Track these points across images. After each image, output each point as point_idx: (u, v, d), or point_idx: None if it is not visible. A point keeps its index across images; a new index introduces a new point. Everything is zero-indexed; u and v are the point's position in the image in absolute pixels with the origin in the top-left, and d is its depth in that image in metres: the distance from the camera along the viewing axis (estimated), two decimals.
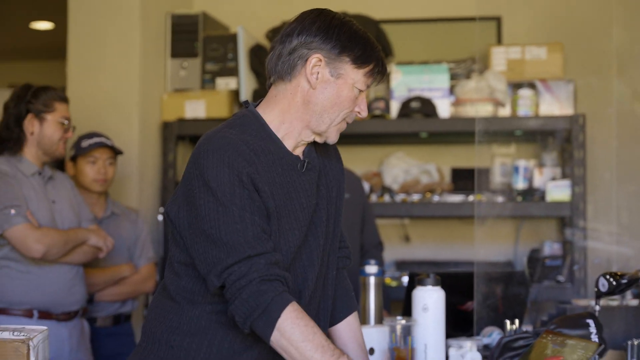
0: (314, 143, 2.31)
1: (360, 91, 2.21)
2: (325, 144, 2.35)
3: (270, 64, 2.23)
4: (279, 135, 2.22)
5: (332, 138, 2.25)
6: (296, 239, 2.18)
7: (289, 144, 2.23)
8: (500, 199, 4.86)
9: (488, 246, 5.16)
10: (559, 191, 4.76)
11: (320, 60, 2.17)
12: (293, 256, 2.19)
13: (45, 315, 3.63)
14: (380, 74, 2.23)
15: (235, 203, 2.08)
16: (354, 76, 2.18)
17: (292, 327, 2.05)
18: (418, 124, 4.90)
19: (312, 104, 2.19)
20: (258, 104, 2.28)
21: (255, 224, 2.09)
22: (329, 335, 2.48)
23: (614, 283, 2.72)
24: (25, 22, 8.05)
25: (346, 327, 2.48)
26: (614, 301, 3.25)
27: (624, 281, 2.73)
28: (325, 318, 2.36)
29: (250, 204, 2.09)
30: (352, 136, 5.21)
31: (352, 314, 2.51)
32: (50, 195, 3.73)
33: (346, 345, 2.48)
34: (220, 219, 2.09)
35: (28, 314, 3.60)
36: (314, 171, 2.27)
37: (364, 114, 2.23)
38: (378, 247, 4.33)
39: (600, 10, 5.07)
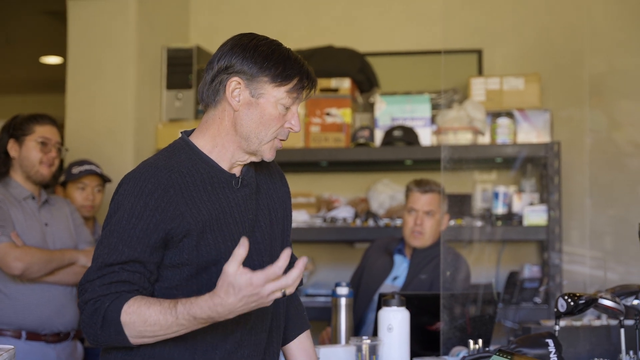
0: (256, 166, 2.28)
1: (286, 107, 2.15)
2: (268, 167, 2.32)
3: (200, 92, 2.21)
4: (213, 157, 2.19)
5: (267, 156, 2.20)
6: (229, 251, 2.10)
7: (224, 166, 2.20)
8: (479, 223, 4.81)
9: (472, 268, 5.13)
10: (535, 216, 4.72)
11: (239, 82, 2.13)
12: None
13: (33, 336, 3.59)
14: (306, 88, 2.17)
15: (120, 231, 2.07)
16: (275, 94, 2.13)
17: (131, 319, 2.01)
18: (401, 152, 4.86)
19: (238, 125, 2.16)
20: (192, 132, 2.25)
21: (120, 253, 2.06)
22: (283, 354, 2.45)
23: (572, 304, 2.67)
24: (36, 57, 8.09)
25: (299, 346, 2.44)
26: (577, 321, 3.20)
27: (582, 302, 2.68)
28: (277, 336, 2.32)
29: (136, 236, 2.06)
30: (338, 163, 5.19)
31: (304, 333, 2.47)
32: (43, 218, 3.72)
33: None
34: (101, 242, 2.11)
35: (17, 335, 3.56)
36: (249, 187, 2.23)
37: (296, 129, 2.18)
38: None
39: (574, 42, 5.06)
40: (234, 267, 1.89)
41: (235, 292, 1.89)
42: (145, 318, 2.01)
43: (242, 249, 1.89)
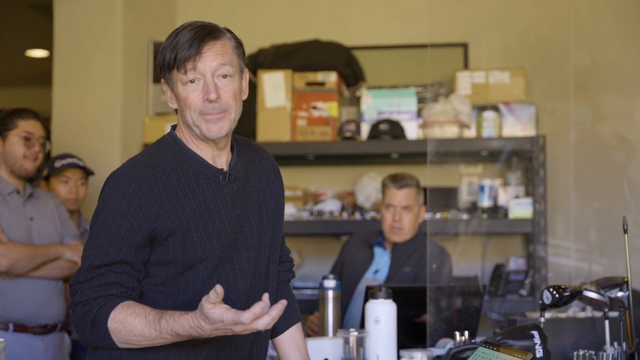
0: (248, 159, 2.29)
1: (191, 82, 2.16)
2: (260, 160, 2.34)
3: None
4: (198, 152, 2.22)
5: (208, 133, 2.18)
6: (215, 248, 2.16)
7: (207, 158, 2.23)
8: (465, 216, 4.84)
9: (458, 261, 5.15)
10: (521, 209, 4.74)
11: (164, 84, 2.24)
12: (219, 264, 2.17)
13: (20, 328, 3.60)
14: (190, 58, 2.15)
15: (105, 232, 2.11)
16: (176, 79, 2.18)
17: (117, 328, 2.06)
18: (387, 145, 4.88)
19: (182, 119, 2.23)
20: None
21: (107, 254, 2.10)
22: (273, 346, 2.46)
23: (557, 296, 2.69)
24: (22, 50, 8.05)
25: (289, 339, 2.45)
26: (562, 313, 3.22)
27: (567, 294, 2.70)
28: (265, 331, 2.32)
29: (121, 236, 2.10)
30: (325, 157, 5.20)
31: (294, 326, 2.48)
32: (28, 213, 3.72)
33: (289, 356, 2.45)
34: (88, 243, 2.15)
35: (4, 327, 3.57)
36: (237, 182, 2.25)
37: (212, 96, 2.15)
38: None
39: (560, 36, 5.07)
40: (209, 307, 1.94)
41: (210, 323, 1.96)
42: (130, 329, 2.06)
43: (216, 296, 1.93)
